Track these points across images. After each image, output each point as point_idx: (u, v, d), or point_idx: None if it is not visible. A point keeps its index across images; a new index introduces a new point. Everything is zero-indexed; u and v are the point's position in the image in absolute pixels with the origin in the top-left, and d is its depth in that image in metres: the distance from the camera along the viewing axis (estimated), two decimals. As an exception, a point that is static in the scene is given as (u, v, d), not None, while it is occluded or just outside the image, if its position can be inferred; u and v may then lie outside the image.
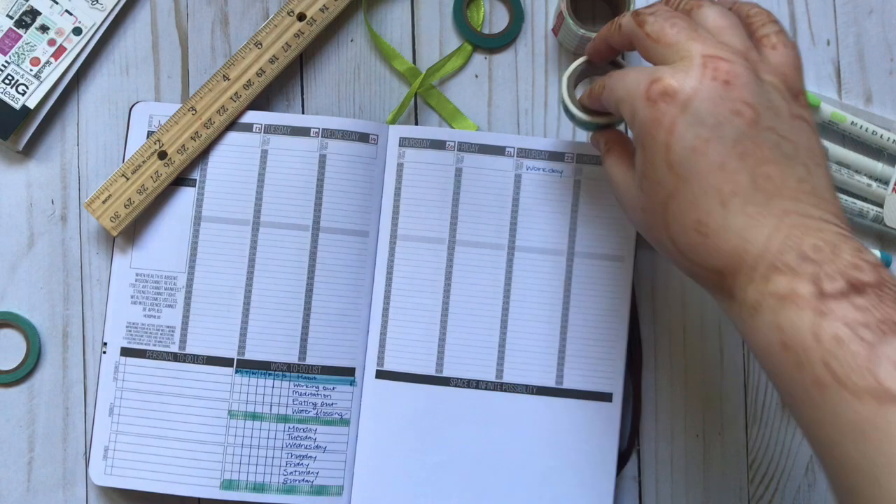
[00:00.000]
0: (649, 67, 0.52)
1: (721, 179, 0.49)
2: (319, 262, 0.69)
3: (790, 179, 0.49)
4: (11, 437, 0.69)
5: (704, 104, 0.49)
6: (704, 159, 0.49)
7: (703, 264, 0.50)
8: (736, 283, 0.49)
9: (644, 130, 0.51)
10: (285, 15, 0.69)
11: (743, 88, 0.49)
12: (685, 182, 0.49)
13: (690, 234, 0.50)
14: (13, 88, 0.68)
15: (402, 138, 0.70)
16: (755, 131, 0.49)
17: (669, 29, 0.52)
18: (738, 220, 0.49)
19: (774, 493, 0.70)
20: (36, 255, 0.70)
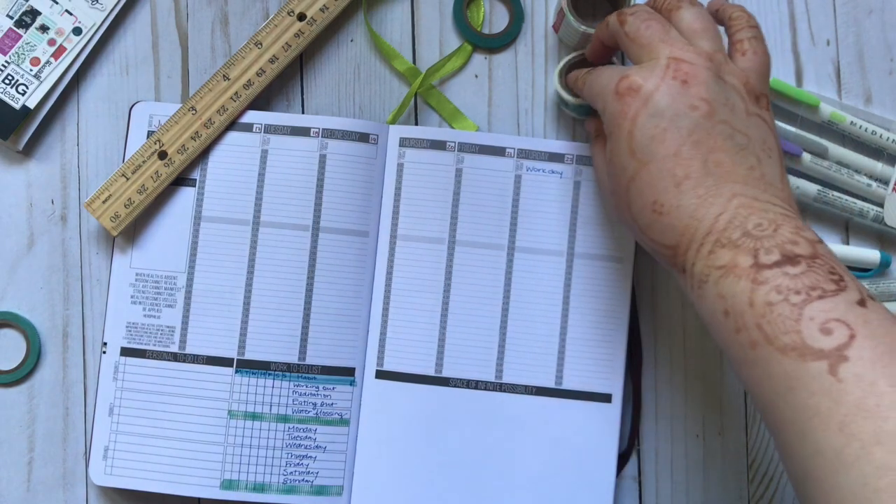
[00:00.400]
0: (620, 67, 0.60)
1: (675, 164, 0.54)
2: (319, 262, 0.69)
3: (740, 167, 0.54)
4: (11, 437, 0.69)
5: (664, 99, 0.54)
6: (662, 146, 0.54)
7: (659, 240, 0.55)
8: (686, 257, 0.54)
9: (612, 121, 0.56)
10: (285, 15, 0.69)
11: (700, 86, 0.55)
12: (644, 166, 0.55)
13: (648, 213, 0.55)
14: (13, 88, 0.68)
15: (403, 138, 0.70)
16: (709, 123, 0.54)
17: (644, 31, 0.57)
18: (690, 201, 0.53)
19: (774, 493, 0.70)
20: (36, 255, 0.70)
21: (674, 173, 0.54)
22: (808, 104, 0.70)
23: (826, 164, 0.70)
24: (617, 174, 0.57)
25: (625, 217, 0.58)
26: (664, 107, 0.54)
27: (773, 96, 0.70)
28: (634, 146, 0.55)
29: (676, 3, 0.59)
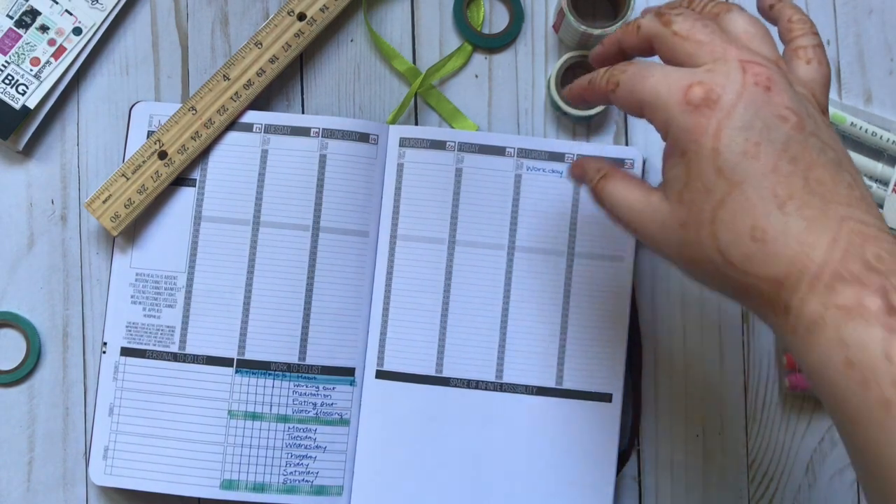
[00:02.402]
0: (680, 69, 0.49)
1: (775, 182, 0.46)
2: (319, 262, 0.69)
3: (841, 185, 0.47)
4: (11, 437, 0.69)
5: (750, 108, 0.47)
6: (756, 163, 0.46)
7: (759, 274, 0.46)
8: (795, 293, 0.45)
9: (686, 138, 0.48)
10: (285, 15, 0.69)
11: (784, 94, 0.47)
12: (737, 187, 0.46)
13: (745, 242, 0.47)
14: (13, 88, 0.68)
15: (403, 138, 0.70)
16: (802, 136, 0.47)
17: (702, 28, 0.49)
18: (798, 224, 0.46)
19: (774, 493, 0.70)
20: (36, 255, 0.70)
21: (775, 192, 0.46)
22: (811, 106, 0.70)
23: (826, 164, 0.70)
24: (695, 200, 0.48)
25: (702, 252, 0.48)
26: (752, 118, 0.47)
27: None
28: (722, 165, 0.46)
29: (725, 6, 0.52)
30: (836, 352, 0.43)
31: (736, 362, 0.71)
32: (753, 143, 0.46)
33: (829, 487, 0.70)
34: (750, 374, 0.71)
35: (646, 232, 0.52)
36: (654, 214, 0.51)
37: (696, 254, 0.49)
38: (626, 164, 0.69)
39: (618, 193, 0.53)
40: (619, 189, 0.53)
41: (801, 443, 0.70)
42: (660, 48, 0.51)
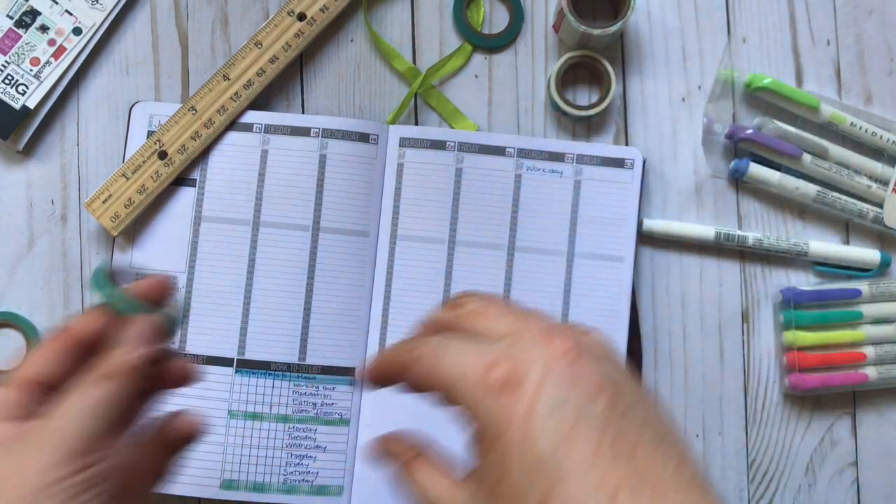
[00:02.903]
0: (479, 343, 0.43)
1: (602, 473, 0.39)
2: (319, 262, 0.69)
3: (669, 465, 0.40)
4: (11, 437, 0.69)
5: (561, 386, 0.40)
6: (576, 449, 0.39)
7: None
8: None
9: (495, 425, 0.41)
10: (285, 15, 0.69)
11: (594, 366, 0.41)
12: (559, 482, 0.39)
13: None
14: (13, 88, 0.68)
15: (403, 138, 0.70)
16: (619, 411, 0.41)
17: (496, 301, 0.45)
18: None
19: (774, 493, 0.70)
20: (36, 255, 0.70)
21: (603, 482, 0.39)
22: (809, 105, 0.70)
23: (826, 165, 0.70)
24: (513, 499, 0.40)
25: None
26: (564, 396, 0.40)
27: (774, 97, 0.70)
28: (539, 456, 0.39)
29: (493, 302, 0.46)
30: None
31: (736, 362, 0.71)
32: (569, 425, 0.40)
33: (829, 487, 0.70)
34: (750, 374, 0.71)
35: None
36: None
37: None
38: (627, 163, 0.69)
39: (429, 485, 0.46)
40: (430, 480, 0.46)
41: (801, 443, 0.70)
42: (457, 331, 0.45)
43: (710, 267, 0.71)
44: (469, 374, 0.42)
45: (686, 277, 0.71)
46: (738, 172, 0.70)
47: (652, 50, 0.72)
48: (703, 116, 0.71)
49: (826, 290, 0.70)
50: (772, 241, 0.70)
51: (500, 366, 0.41)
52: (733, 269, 0.71)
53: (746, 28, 0.72)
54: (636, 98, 0.72)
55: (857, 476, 0.70)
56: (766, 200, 0.72)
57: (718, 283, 0.71)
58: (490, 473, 0.41)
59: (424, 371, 0.44)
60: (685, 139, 0.72)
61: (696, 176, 0.72)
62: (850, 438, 0.71)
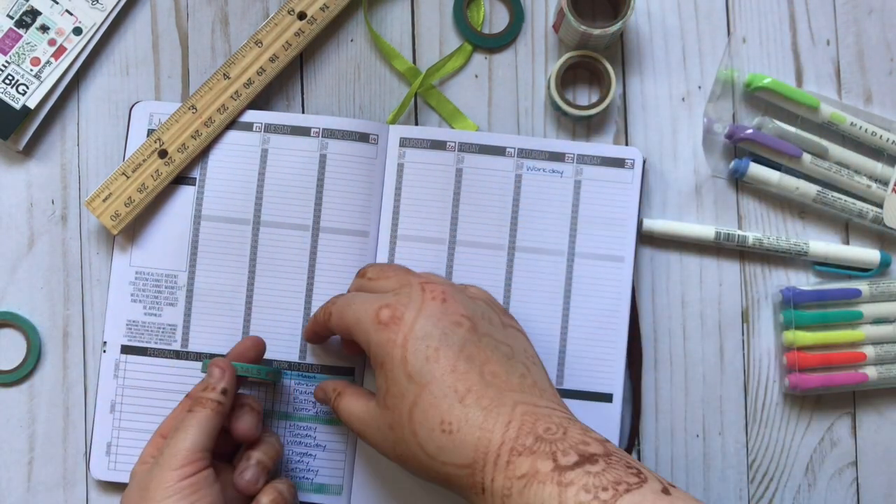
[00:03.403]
0: (375, 296, 0.59)
1: (455, 379, 0.55)
2: (319, 262, 0.69)
3: (513, 376, 0.56)
4: (11, 437, 0.69)
5: (429, 319, 0.56)
6: (438, 365, 0.55)
7: (454, 462, 0.54)
8: (485, 473, 0.52)
9: (381, 351, 0.56)
10: (286, 13, 0.69)
11: (458, 304, 0.57)
12: (425, 388, 0.55)
13: (437, 435, 0.54)
14: (13, 88, 0.69)
15: (403, 138, 0.70)
16: (476, 337, 0.57)
17: (389, 267, 0.62)
18: (477, 414, 0.53)
19: (774, 493, 0.70)
20: (36, 255, 0.70)
21: (455, 388, 0.54)
22: (809, 105, 0.70)
23: (826, 165, 0.70)
24: (395, 404, 0.56)
25: (408, 449, 0.56)
26: (431, 327, 0.56)
27: (774, 97, 0.70)
28: (411, 370, 0.55)
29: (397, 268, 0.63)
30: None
31: (736, 362, 0.71)
32: (434, 348, 0.55)
33: (829, 487, 0.70)
34: (750, 374, 0.71)
35: (369, 437, 0.59)
36: (372, 421, 0.59)
37: (404, 451, 0.56)
38: (627, 163, 0.69)
39: (349, 408, 0.61)
40: (349, 403, 0.61)
41: (801, 443, 0.70)
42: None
43: (710, 267, 0.71)
44: (363, 317, 0.58)
45: (686, 277, 0.71)
46: (738, 172, 0.70)
47: (652, 50, 0.72)
48: (703, 116, 0.71)
49: (826, 290, 0.70)
50: (772, 241, 0.70)
51: (386, 309, 0.57)
52: (733, 269, 0.71)
53: (746, 28, 0.72)
54: (636, 98, 0.72)
55: (857, 476, 0.70)
56: (766, 200, 0.72)
57: (718, 283, 0.71)
58: (382, 387, 0.57)
59: (336, 321, 0.61)
60: (685, 139, 0.72)
61: (696, 176, 0.72)
62: (850, 438, 0.71)
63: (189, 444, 0.57)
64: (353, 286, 0.64)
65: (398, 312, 0.57)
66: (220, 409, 0.59)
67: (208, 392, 0.60)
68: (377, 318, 0.57)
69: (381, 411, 0.57)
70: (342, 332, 0.61)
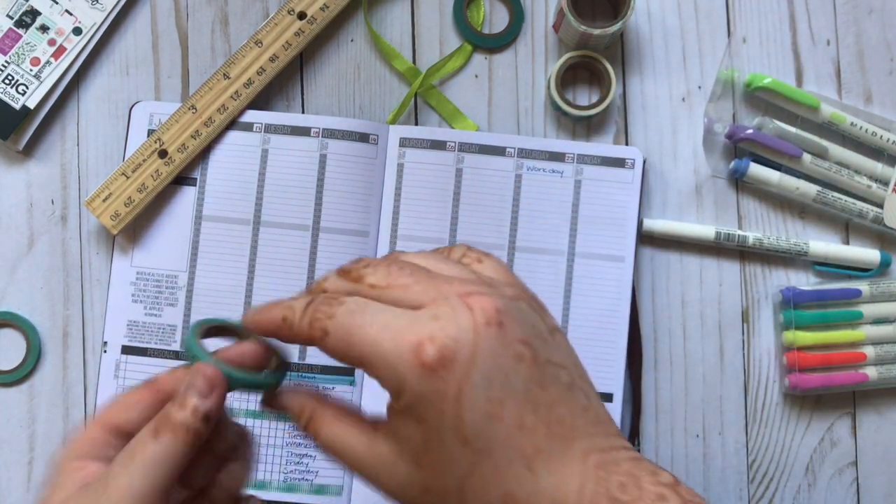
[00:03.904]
0: (401, 315, 0.42)
1: (522, 440, 0.41)
2: (320, 262, 0.69)
3: (577, 414, 0.43)
4: (11, 437, 0.69)
5: (489, 360, 0.41)
6: (502, 424, 0.41)
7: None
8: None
9: (423, 404, 0.41)
10: (286, 13, 0.69)
11: (515, 324, 0.42)
12: (486, 456, 0.41)
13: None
14: (13, 88, 0.68)
15: (403, 138, 0.70)
16: (538, 371, 0.42)
17: (399, 272, 0.43)
18: (548, 481, 0.42)
19: (775, 493, 0.70)
20: (36, 255, 0.70)
21: (523, 452, 0.41)
22: (809, 105, 0.70)
23: (826, 165, 0.70)
24: (441, 471, 0.42)
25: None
26: (491, 369, 0.41)
27: (774, 97, 0.70)
28: (468, 434, 0.41)
29: (479, 255, 0.47)
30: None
31: (736, 362, 0.71)
32: (497, 401, 0.41)
33: (829, 487, 0.70)
34: (750, 374, 0.71)
35: (382, 486, 0.45)
36: (389, 469, 0.44)
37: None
38: (627, 163, 0.69)
39: (337, 438, 0.45)
40: (335, 432, 0.45)
41: (801, 443, 0.70)
42: None
43: (710, 267, 0.71)
44: (393, 352, 0.41)
45: (686, 277, 0.71)
46: (738, 172, 0.70)
47: (652, 50, 0.72)
48: (703, 116, 0.71)
49: (826, 290, 0.70)
50: (772, 241, 0.70)
51: (430, 345, 0.40)
52: (733, 269, 0.71)
53: (746, 28, 0.72)
54: (636, 98, 0.72)
55: (857, 476, 0.70)
56: (766, 200, 0.72)
57: (718, 283, 0.71)
58: (415, 442, 0.42)
59: (343, 344, 0.42)
60: (685, 139, 0.72)
61: (697, 176, 0.72)
62: (850, 438, 0.71)
63: (146, 486, 0.41)
64: (332, 285, 0.45)
65: (448, 352, 0.40)
66: (195, 441, 0.43)
67: (184, 411, 0.43)
68: (418, 357, 0.40)
69: (406, 466, 0.43)
70: (344, 358, 0.43)
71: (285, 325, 0.44)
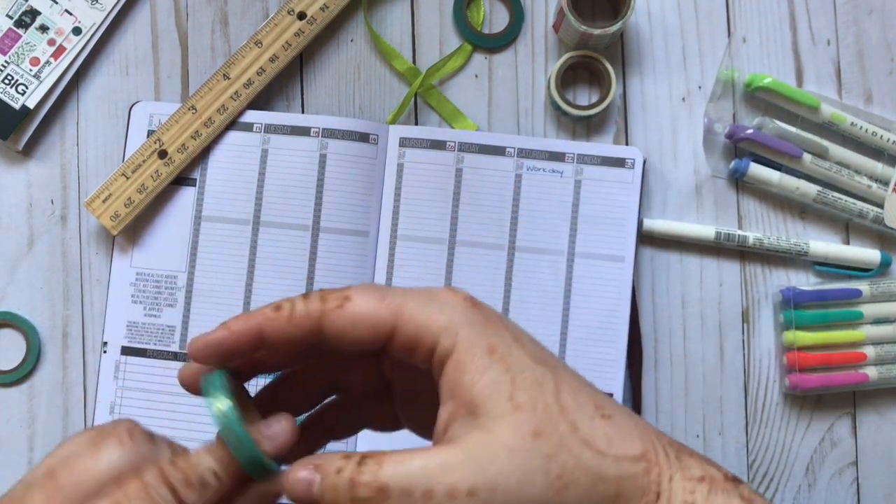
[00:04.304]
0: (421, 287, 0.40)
1: (564, 365, 0.40)
2: (319, 262, 0.69)
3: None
4: (11, 437, 0.69)
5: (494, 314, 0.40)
6: (545, 351, 0.40)
7: (626, 454, 0.38)
8: (661, 468, 0.38)
9: (485, 330, 0.38)
10: (286, 14, 0.69)
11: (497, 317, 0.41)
12: (557, 366, 0.39)
13: (599, 423, 0.38)
14: (13, 88, 0.68)
15: (403, 138, 0.70)
16: None
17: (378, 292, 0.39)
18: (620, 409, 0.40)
19: (775, 493, 0.70)
20: (36, 255, 0.70)
21: (576, 375, 0.40)
22: (809, 105, 0.70)
23: (826, 165, 0.70)
24: (533, 396, 0.37)
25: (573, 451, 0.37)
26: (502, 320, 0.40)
27: (774, 97, 0.70)
28: (532, 351, 0.39)
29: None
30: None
31: (736, 362, 0.71)
32: (526, 335, 0.40)
33: (829, 487, 0.70)
34: (750, 374, 0.71)
35: (486, 481, 0.36)
36: (485, 451, 0.37)
37: (565, 460, 0.37)
38: (627, 163, 0.69)
39: (407, 469, 0.37)
40: (403, 464, 0.38)
41: (801, 443, 0.70)
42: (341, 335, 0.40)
43: (710, 267, 0.71)
44: (451, 299, 0.39)
45: (686, 277, 0.71)
46: (738, 172, 0.70)
47: (652, 50, 0.72)
48: (703, 116, 0.71)
49: (826, 290, 0.70)
50: (772, 241, 0.70)
51: (466, 296, 0.39)
52: (733, 269, 0.71)
53: (746, 28, 0.72)
54: (636, 98, 0.72)
55: (857, 476, 0.70)
56: (767, 200, 0.72)
57: (718, 283, 0.71)
58: (501, 383, 0.38)
59: (367, 304, 0.39)
60: (685, 139, 0.72)
61: (697, 176, 0.71)
62: (850, 438, 0.71)
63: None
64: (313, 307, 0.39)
65: (475, 301, 0.40)
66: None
67: (192, 492, 0.39)
68: (457, 294, 0.39)
69: (506, 424, 0.37)
70: (369, 327, 0.39)
71: (278, 317, 0.39)
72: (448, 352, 0.38)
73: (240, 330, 0.40)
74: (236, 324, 0.40)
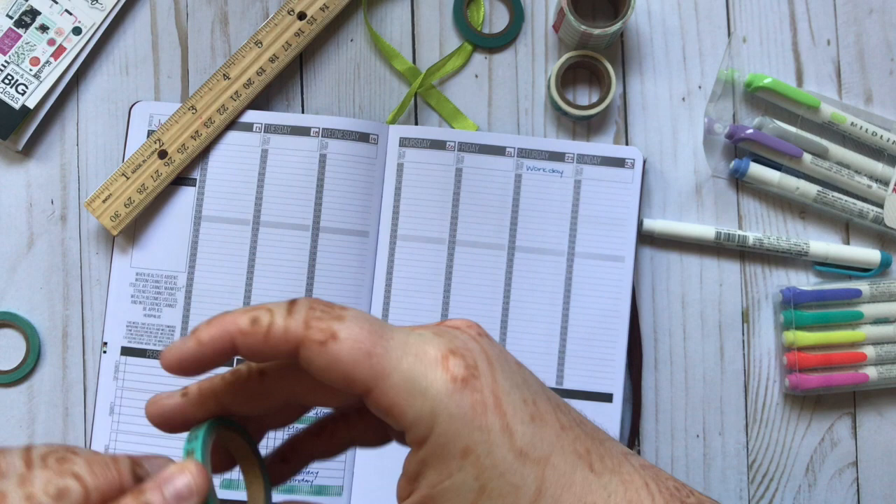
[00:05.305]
0: (419, 335, 0.37)
1: (573, 442, 0.37)
2: (319, 262, 0.69)
3: (587, 427, 0.39)
4: (11, 437, 0.69)
5: (501, 361, 0.37)
6: (547, 425, 0.37)
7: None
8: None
9: (467, 427, 0.35)
10: (285, 14, 0.69)
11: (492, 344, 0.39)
12: (547, 464, 0.36)
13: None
14: (13, 88, 0.68)
15: (403, 138, 0.70)
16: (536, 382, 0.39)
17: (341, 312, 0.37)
18: (615, 483, 0.37)
19: (775, 493, 0.70)
20: (36, 255, 0.70)
21: (577, 452, 0.37)
22: (809, 105, 0.70)
23: (826, 165, 0.70)
24: (509, 500, 0.35)
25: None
26: (507, 371, 0.37)
27: (774, 97, 0.70)
28: (521, 443, 0.35)
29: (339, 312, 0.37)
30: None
31: (736, 362, 0.71)
32: (531, 402, 0.37)
33: (829, 488, 0.70)
34: (750, 374, 0.71)
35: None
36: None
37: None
38: (627, 163, 0.69)
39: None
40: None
41: (801, 443, 0.70)
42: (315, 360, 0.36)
43: (710, 267, 0.71)
44: (428, 367, 0.36)
45: (686, 277, 0.71)
46: (738, 172, 0.70)
47: (652, 50, 0.72)
48: (703, 116, 0.71)
49: (826, 290, 0.70)
50: (772, 241, 0.70)
51: (453, 356, 0.36)
52: (733, 269, 0.71)
53: (746, 28, 0.72)
54: (636, 98, 0.72)
55: (857, 476, 0.70)
56: (767, 200, 0.72)
57: (718, 283, 0.71)
58: (468, 489, 0.35)
59: (352, 351, 0.36)
60: (685, 139, 0.72)
61: (697, 176, 0.72)
62: (851, 438, 0.71)
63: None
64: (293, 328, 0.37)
65: (470, 359, 0.36)
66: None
67: None
68: (448, 372, 0.35)
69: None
70: (349, 376, 0.36)
71: (254, 333, 0.37)
72: (420, 440, 0.35)
73: (212, 342, 0.38)
74: (207, 333, 0.38)
